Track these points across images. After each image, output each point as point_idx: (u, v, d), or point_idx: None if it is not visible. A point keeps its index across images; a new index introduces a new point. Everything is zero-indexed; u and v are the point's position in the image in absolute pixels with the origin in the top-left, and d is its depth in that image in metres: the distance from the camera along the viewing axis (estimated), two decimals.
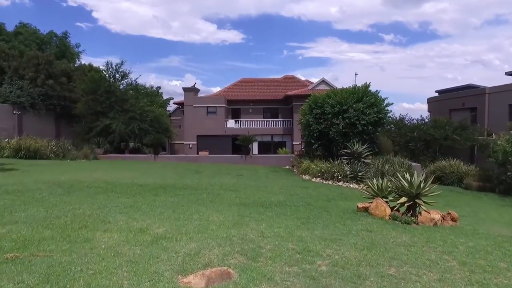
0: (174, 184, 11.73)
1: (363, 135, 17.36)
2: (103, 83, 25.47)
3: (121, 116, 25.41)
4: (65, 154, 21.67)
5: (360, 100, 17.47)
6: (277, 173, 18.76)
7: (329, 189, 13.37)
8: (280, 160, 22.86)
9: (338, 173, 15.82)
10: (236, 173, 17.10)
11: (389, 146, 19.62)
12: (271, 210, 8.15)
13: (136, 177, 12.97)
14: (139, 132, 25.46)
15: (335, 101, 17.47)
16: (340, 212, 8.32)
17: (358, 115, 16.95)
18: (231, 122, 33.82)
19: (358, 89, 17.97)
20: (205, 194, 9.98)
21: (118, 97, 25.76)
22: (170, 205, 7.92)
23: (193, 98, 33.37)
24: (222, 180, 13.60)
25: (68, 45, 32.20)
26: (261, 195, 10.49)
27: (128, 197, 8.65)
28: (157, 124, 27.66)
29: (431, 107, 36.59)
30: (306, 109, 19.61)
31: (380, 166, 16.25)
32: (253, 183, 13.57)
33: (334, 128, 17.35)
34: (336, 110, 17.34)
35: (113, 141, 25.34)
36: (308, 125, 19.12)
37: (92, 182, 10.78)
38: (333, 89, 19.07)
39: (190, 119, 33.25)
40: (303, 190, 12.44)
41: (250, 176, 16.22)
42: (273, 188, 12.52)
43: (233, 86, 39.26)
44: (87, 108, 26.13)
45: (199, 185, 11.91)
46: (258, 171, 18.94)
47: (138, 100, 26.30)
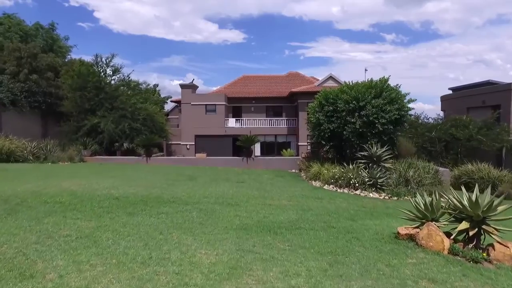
0: (159, 195, 9.64)
1: (382, 136, 15.23)
2: (91, 78, 23.38)
3: (110, 114, 23.34)
4: (46, 156, 19.63)
5: (378, 95, 15.34)
6: (283, 178, 16.65)
7: (347, 200, 11.25)
8: (286, 163, 20.75)
9: (355, 179, 13.69)
10: (237, 179, 14.99)
11: (410, 148, 17.48)
12: (282, 237, 6.06)
13: (116, 186, 10.88)
14: (130, 132, 23.38)
15: (351, 97, 15.34)
16: (375, 239, 6.21)
17: (377, 113, 14.82)
18: (232, 121, 31.73)
19: (376, 83, 15.83)
20: (196, 211, 7.88)
21: (108, 93, 23.68)
22: (145, 232, 5.84)
23: (191, 95, 31.30)
24: (219, 190, 11.49)
25: (57, 38, 30.14)
26: (267, 211, 8.38)
27: (91, 218, 6.57)
28: (151, 123, 25.58)
29: (445, 105, 34.40)
30: (315, 106, 17.50)
31: (403, 172, 14.12)
32: (256, 192, 11.46)
33: (349, 127, 15.22)
34: (352, 106, 15.22)
35: (102, 141, 23.26)
36: (318, 124, 17.01)
37: (55, 194, 8.71)
38: (346, 83, 16.94)
39: (188, 118, 31.17)
40: (316, 203, 10.31)
41: (253, 182, 14.11)
42: (280, 199, 10.41)
43: (234, 83, 37.18)
44: (75, 106, 24.08)
45: (191, 197, 9.81)
46: (261, 176, 16.83)
47: (130, 97, 24.18)
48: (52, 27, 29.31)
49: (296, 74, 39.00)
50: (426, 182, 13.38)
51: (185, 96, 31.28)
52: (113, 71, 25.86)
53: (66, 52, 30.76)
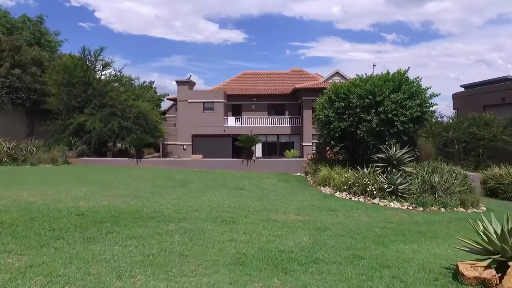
0: (138, 209, 7.82)
1: (401, 136, 13.39)
2: (77, 72, 21.61)
3: (99, 112, 21.55)
4: (26, 158, 17.84)
5: (397, 89, 13.51)
6: (287, 183, 14.82)
7: (366, 213, 9.41)
8: (290, 165, 18.93)
9: (372, 186, 11.85)
10: (235, 184, 13.18)
11: (430, 149, 15.65)
12: (295, 280, 4.24)
13: (89, 195, 9.08)
14: (120, 131, 21.58)
15: (365, 91, 13.50)
16: (427, 282, 4.38)
17: (397, 109, 12.98)
18: (231, 120, 29.94)
19: (394, 76, 13.99)
20: (180, 233, 6.07)
21: (97, 89, 21.89)
22: (95, 276, 4.02)
23: (188, 92, 29.53)
24: (213, 199, 9.68)
25: (45, 31, 28.39)
26: (271, 232, 6.57)
27: (27, 249, 4.76)
28: (144, 121, 23.79)
29: (458, 103, 32.57)
30: (324, 102, 15.66)
31: (426, 177, 12.26)
32: (257, 203, 9.63)
33: (364, 126, 13.38)
34: (367, 102, 13.37)
35: (90, 141, 21.48)
36: (327, 122, 15.17)
37: (0, 209, 6.88)
38: (359, 76, 15.09)
39: (184, 116, 29.40)
40: (331, 217, 8.49)
41: (254, 189, 12.29)
42: (287, 212, 8.60)
43: (233, 80, 35.40)
44: (61, 103, 22.32)
45: (178, 210, 8.00)
46: (263, 181, 15.01)
47: (120, 93, 22.37)
48: (40, 19, 27.54)
49: (300, 71, 37.23)
50: (455, 190, 11.52)
51: (181, 93, 29.52)
52: (103, 65, 24.08)
53: (56, 46, 29.01)
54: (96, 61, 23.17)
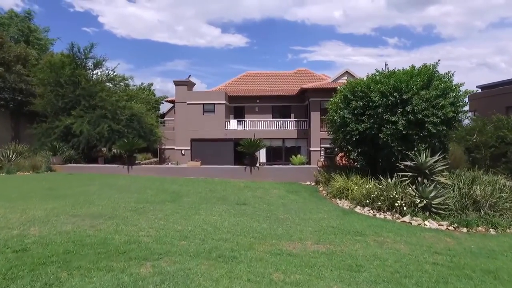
0: (108, 237, 5.95)
1: (431, 140, 11.48)
2: (65, 71, 19.87)
3: (88, 114, 19.77)
4: (3, 165, 16.04)
5: (427, 85, 11.62)
6: (297, 196, 12.90)
7: (401, 237, 7.49)
8: (298, 173, 17.02)
9: (401, 201, 9.92)
10: (237, 198, 11.28)
11: (461, 156, 13.71)
12: None
13: (51, 216, 7.22)
14: (111, 134, 19.77)
15: (390, 87, 11.61)
16: None
17: (427, 108, 11.08)
18: (233, 123, 28.09)
19: (421, 70, 12.09)
20: (155, 283, 4.17)
21: (86, 89, 20.11)
22: None
23: (187, 93, 27.73)
24: (209, 220, 7.79)
25: (35, 28, 26.75)
26: (287, 277, 4.66)
27: None
28: (138, 124, 21.98)
29: (475, 105, 30.51)
30: (339, 102, 13.81)
31: (465, 189, 10.32)
32: (265, 225, 7.74)
33: (388, 128, 11.47)
34: (391, 100, 11.47)
35: (78, 146, 19.69)
36: (343, 124, 13.30)
37: None
38: (379, 71, 13.19)
39: (183, 119, 27.59)
40: (361, 246, 6.58)
41: (259, 204, 10.39)
42: (303, 239, 6.71)
43: (235, 81, 33.61)
44: (48, 104, 20.57)
45: (160, 238, 6.12)
46: (269, 192, 13.11)
47: (111, 94, 20.57)
48: (29, 15, 25.88)
49: (305, 71, 35.40)
50: (505, 206, 9.56)
51: (179, 94, 27.72)
52: (94, 64, 22.31)
53: (46, 45, 27.31)
54: (86, 59, 21.42)
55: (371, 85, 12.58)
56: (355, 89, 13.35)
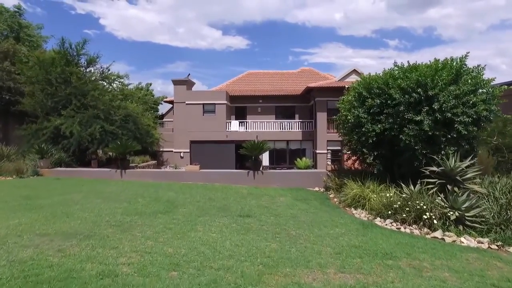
0: (75, 268, 4.66)
1: (460, 142, 10.18)
2: (54, 68, 18.65)
3: (79, 114, 18.52)
4: None
5: (455, 80, 10.32)
6: (307, 204, 11.59)
7: (439, 259, 6.19)
8: (305, 178, 15.72)
9: (431, 212, 8.60)
10: (240, 208, 9.98)
11: (490, 160, 12.38)
12: None
13: (10, 236, 5.93)
14: (104, 136, 18.52)
15: (413, 82, 10.32)
16: None
17: (457, 106, 9.78)
18: (235, 124, 26.84)
19: (446, 64, 10.79)
20: None
21: (78, 88, 18.87)
22: None
23: (186, 93, 26.52)
24: (207, 239, 6.49)
25: (26, 24, 25.56)
26: None
27: None
28: (134, 125, 20.73)
29: None
30: (353, 100, 12.53)
31: (503, 199, 9.00)
32: (274, 245, 6.44)
33: (411, 129, 10.18)
34: (415, 97, 10.18)
35: (69, 148, 18.44)
36: (357, 125, 12.02)
37: None
38: (398, 65, 11.87)
39: (182, 120, 26.36)
40: (396, 275, 5.28)
41: (265, 216, 9.08)
42: (324, 267, 5.42)
43: (237, 80, 32.41)
44: (37, 104, 19.34)
45: (144, 267, 4.83)
46: (276, 200, 11.81)
47: (104, 92, 19.31)
48: (19, 10, 24.68)
49: (310, 70, 34.23)
50: None
51: (178, 94, 26.50)
52: (87, 61, 21.08)
53: (38, 42, 26.10)
54: (78, 56, 20.17)
55: (389, 81, 11.29)
56: (371, 85, 12.07)
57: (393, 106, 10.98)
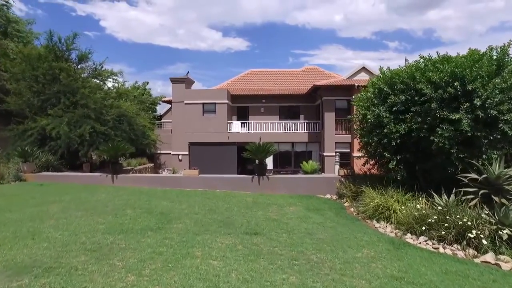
0: None
1: (504, 144, 8.73)
2: (40, 64, 17.25)
3: (68, 113, 17.11)
4: None
5: (497, 72, 8.89)
6: (322, 216, 10.15)
7: None
8: (315, 184, 14.28)
9: (478, 230, 7.16)
10: (245, 222, 8.53)
11: None
12: None
13: None
14: (96, 137, 17.10)
15: (447, 75, 8.89)
16: None
17: (502, 102, 8.35)
18: (236, 125, 25.43)
19: (484, 54, 9.36)
20: None
21: (67, 85, 17.45)
22: None
23: (185, 92, 25.12)
24: (206, 270, 5.06)
25: (16, 19, 24.15)
26: None
27: None
28: (128, 126, 19.31)
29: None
30: (372, 97, 11.12)
31: None
32: (293, 278, 5.02)
33: (445, 129, 8.73)
34: (450, 92, 8.74)
35: (56, 151, 17.03)
36: (377, 126, 10.59)
37: None
38: (425, 57, 10.42)
39: (180, 120, 24.96)
40: None
41: (276, 233, 7.64)
42: None
43: (239, 79, 31.04)
44: (23, 102, 17.92)
45: None
46: (285, 211, 10.37)
47: (94, 90, 17.88)
48: (6, 3, 23.28)
49: (315, 69, 32.86)
50: None
51: (176, 93, 25.11)
52: (78, 57, 19.68)
53: (29, 38, 24.68)
54: (67, 51, 18.75)
55: (415, 74, 9.86)
56: (393, 80, 10.65)
57: (421, 103, 9.56)
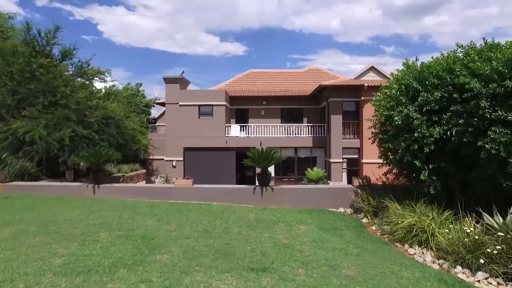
0: None
1: None
2: (16, 59, 15.48)
3: (47, 114, 15.33)
4: None
5: None
6: (340, 238, 8.40)
7: None
8: (324, 195, 12.55)
9: None
10: (249, 251, 6.77)
11: None
12: None
13: None
14: (78, 142, 15.33)
15: (502, 64, 7.20)
16: None
17: None
18: (235, 129, 23.72)
19: None
20: None
21: (46, 83, 15.68)
22: None
23: (180, 92, 23.42)
24: None
25: None
26: None
27: None
28: (115, 129, 17.54)
29: None
30: (397, 94, 9.44)
31: None
32: None
33: (498, 133, 7.02)
34: (507, 87, 7.04)
35: (33, 157, 15.23)
36: (404, 129, 8.93)
37: None
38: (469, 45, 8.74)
39: (174, 123, 23.23)
40: None
41: (290, 268, 5.88)
42: None
43: (237, 80, 29.40)
44: None
45: None
46: (295, 232, 8.62)
47: (76, 89, 16.08)
48: None
49: (318, 70, 31.32)
50: None
51: (170, 94, 23.41)
52: (61, 53, 17.93)
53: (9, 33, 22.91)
54: (48, 45, 16.99)
55: (454, 66, 8.19)
56: (424, 74, 8.99)
57: (462, 101, 7.89)
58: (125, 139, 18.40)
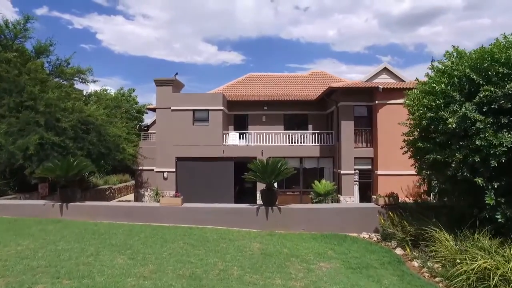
0: None
1: None
2: None
3: (10, 118, 13.06)
4: None
5: None
6: (378, 283, 6.12)
7: None
8: (343, 216, 10.32)
9: None
10: None
11: None
12: None
13: None
14: (48, 150, 13.05)
15: None
16: None
17: None
18: (234, 136, 21.46)
19: None
20: None
21: (12, 81, 13.43)
22: None
23: (172, 96, 21.24)
24: None
25: None
26: None
27: None
28: (96, 136, 15.28)
29: None
30: (446, 89, 7.29)
31: None
32: None
33: None
34: None
35: None
36: (460, 134, 6.77)
37: None
38: None
39: (166, 130, 20.99)
40: None
41: None
42: None
43: (236, 84, 27.30)
44: None
45: None
46: (316, 274, 6.38)
47: (47, 89, 13.79)
48: None
49: (322, 74, 29.25)
50: None
51: (162, 98, 21.23)
52: (36, 48, 15.74)
53: None
54: (16, 39, 14.81)
55: None
56: (483, 64, 6.85)
57: None
58: (107, 148, 16.13)
